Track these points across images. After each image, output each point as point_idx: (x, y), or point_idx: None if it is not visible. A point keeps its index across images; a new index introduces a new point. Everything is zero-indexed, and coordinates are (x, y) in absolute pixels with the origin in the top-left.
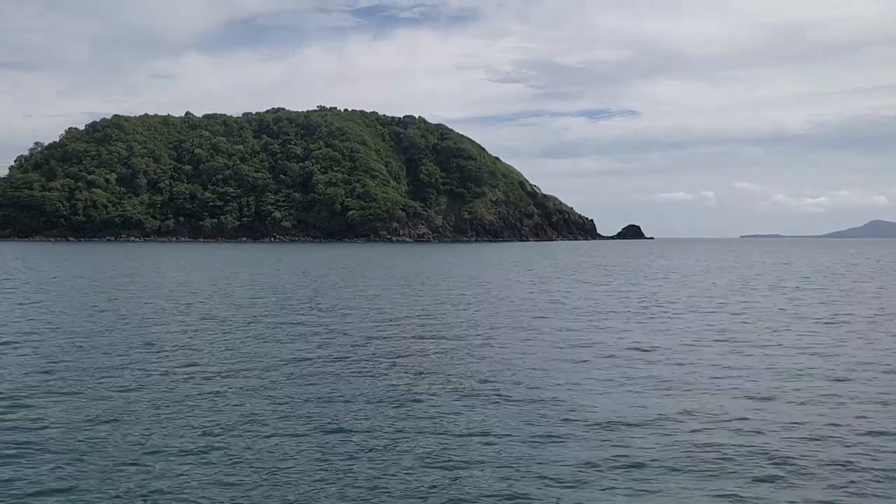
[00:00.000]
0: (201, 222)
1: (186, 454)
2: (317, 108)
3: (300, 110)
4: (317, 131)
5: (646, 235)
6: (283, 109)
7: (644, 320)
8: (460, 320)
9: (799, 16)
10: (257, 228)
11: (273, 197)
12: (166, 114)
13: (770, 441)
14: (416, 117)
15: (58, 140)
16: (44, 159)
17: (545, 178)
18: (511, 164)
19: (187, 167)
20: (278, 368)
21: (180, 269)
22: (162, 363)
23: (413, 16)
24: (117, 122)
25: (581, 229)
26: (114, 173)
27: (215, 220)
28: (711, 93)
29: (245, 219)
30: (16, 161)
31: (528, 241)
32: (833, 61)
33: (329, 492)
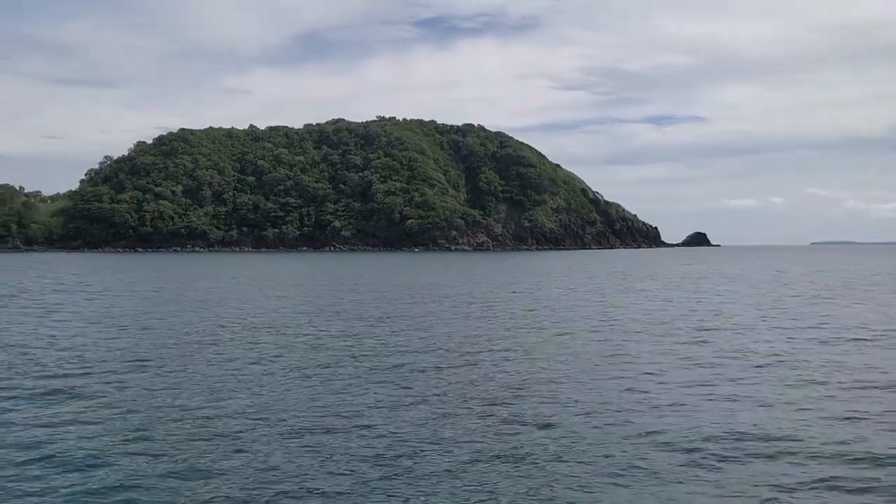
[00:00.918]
0: (263, 232)
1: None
2: (376, 119)
3: (360, 121)
4: (376, 141)
5: (712, 243)
6: (342, 120)
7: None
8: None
9: (863, 15)
10: (317, 238)
11: (333, 207)
12: (230, 126)
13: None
14: (476, 125)
15: (126, 154)
16: (113, 173)
17: (609, 185)
18: (574, 172)
19: (250, 178)
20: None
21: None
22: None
23: (474, 25)
24: (183, 136)
25: (645, 237)
26: (180, 185)
27: (277, 230)
28: (779, 96)
29: (305, 228)
30: (86, 174)
31: (591, 248)
32: None
33: None
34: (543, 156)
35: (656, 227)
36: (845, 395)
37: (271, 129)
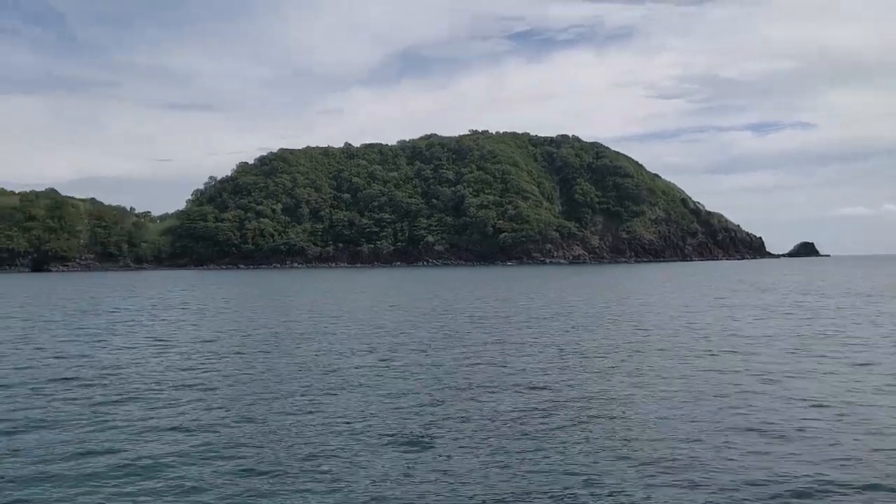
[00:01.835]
0: (359, 248)
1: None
2: (468, 133)
3: (452, 135)
4: (468, 155)
5: (820, 253)
6: (435, 135)
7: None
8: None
9: None
10: (411, 253)
11: (426, 221)
12: (326, 145)
13: None
14: (570, 136)
15: (230, 174)
16: (217, 192)
17: (711, 195)
18: (673, 182)
19: (346, 195)
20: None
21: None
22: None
23: (569, 37)
24: (283, 156)
25: (749, 247)
26: (279, 203)
27: (371, 246)
28: (892, 101)
29: (399, 243)
30: (192, 195)
31: (692, 260)
32: None
33: None
34: (641, 165)
35: (760, 238)
36: None
37: (366, 146)
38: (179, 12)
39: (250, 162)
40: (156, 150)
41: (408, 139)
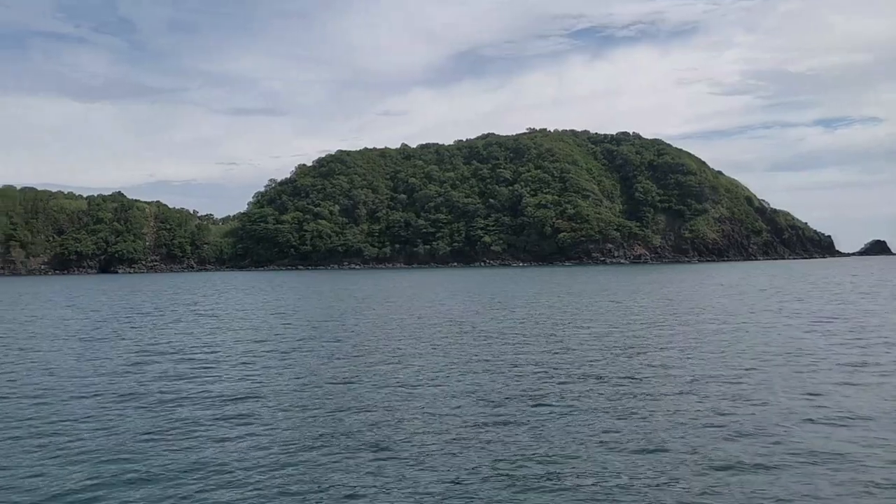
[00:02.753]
0: (415, 248)
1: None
2: (526, 131)
3: (509, 134)
4: (526, 154)
5: (893, 251)
6: (492, 134)
7: None
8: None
9: None
10: (467, 253)
11: (483, 222)
12: (384, 147)
13: None
14: (631, 133)
15: (289, 176)
16: (277, 195)
17: (778, 192)
18: (737, 179)
19: (402, 196)
20: None
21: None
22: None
23: (631, 34)
24: (340, 157)
25: (817, 246)
26: (337, 205)
27: (428, 247)
28: None
29: (455, 244)
30: (253, 197)
31: (756, 259)
32: None
33: None
34: (704, 163)
35: (829, 236)
36: None
37: (422, 146)
38: (244, 19)
39: (309, 164)
40: (221, 154)
41: (464, 139)
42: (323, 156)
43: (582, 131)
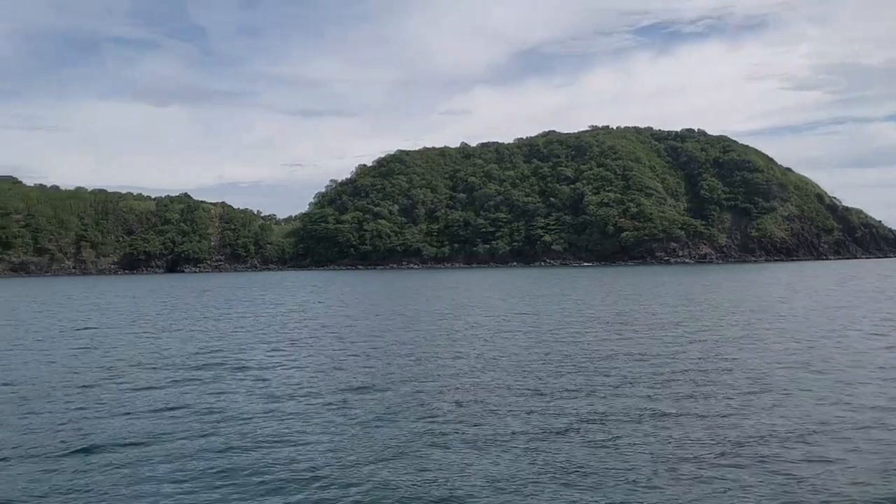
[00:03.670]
0: (474, 248)
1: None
2: (588, 129)
3: (571, 132)
4: (588, 152)
5: None
6: (553, 132)
7: None
8: None
9: None
10: (527, 253)
11: (543, 221)
12: (443, 146)
13: None
14: (696, 130)
15: (349, 176)
16: (337, 195)
17: (851, 189)
18: (807, 176)
19: (461, 195)
20: None
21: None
22: None
23: (698, 29)
24: (400, 157)
25: (893, 245)
26: (396, 205)
27: (487, 246)
28: None
29: (515, 243)
30: (315, 197)
31: (827, 259)
32: None
33: None
34: (772, 159)
35: None
36: None
37: (482, 145)
38: (309, 22)
39: (369, 164)
40: (287, 156)
41: (525, 137)
42: (383, 156)
43: (645, 128)
